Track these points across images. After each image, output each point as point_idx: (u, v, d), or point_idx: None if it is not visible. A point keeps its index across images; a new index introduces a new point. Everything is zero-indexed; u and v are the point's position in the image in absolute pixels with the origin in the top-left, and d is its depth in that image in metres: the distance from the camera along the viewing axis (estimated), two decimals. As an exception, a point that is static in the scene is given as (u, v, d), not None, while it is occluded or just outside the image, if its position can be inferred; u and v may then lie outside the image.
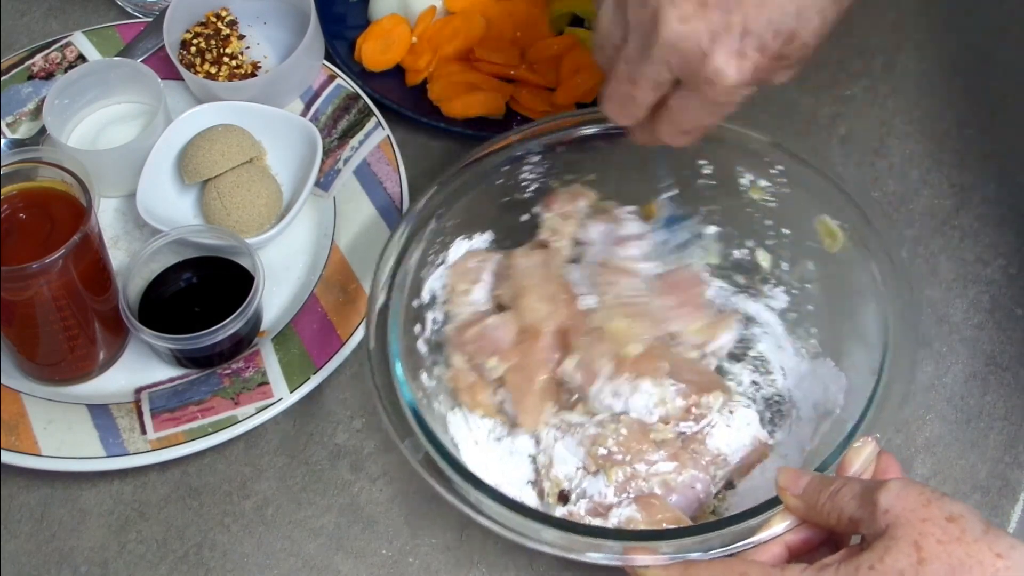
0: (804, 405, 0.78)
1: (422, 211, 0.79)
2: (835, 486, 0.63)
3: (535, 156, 0.82)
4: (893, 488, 0.60)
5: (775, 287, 0.83)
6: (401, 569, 0.79)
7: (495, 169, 0.81)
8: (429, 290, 0.80)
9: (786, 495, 0.65)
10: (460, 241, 0.82)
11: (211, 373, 0.84)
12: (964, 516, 0.58)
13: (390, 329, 0.75)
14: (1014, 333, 0.86)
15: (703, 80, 0.64)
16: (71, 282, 0.78)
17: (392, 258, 0.77)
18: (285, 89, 0.95)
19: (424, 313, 0.79)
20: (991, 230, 0.91)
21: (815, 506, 0.63)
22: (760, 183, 0.81)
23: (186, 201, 0.93)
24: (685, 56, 0.63)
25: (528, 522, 0.67)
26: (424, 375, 0.77)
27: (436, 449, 0.69)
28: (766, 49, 0.63)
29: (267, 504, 0.81)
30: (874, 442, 0.67)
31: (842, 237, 0.77)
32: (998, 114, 0.96)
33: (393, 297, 0.76)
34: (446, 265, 0.81)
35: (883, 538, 0.59)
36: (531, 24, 0.99)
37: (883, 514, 0.59)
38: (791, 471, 0.66)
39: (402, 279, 0.77)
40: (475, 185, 0.80)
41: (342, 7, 1.02)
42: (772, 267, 0.83)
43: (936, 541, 0.57)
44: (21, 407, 0.82)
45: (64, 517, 0.81)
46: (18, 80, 0.97)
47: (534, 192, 0.83)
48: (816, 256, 0.80)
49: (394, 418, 0.71)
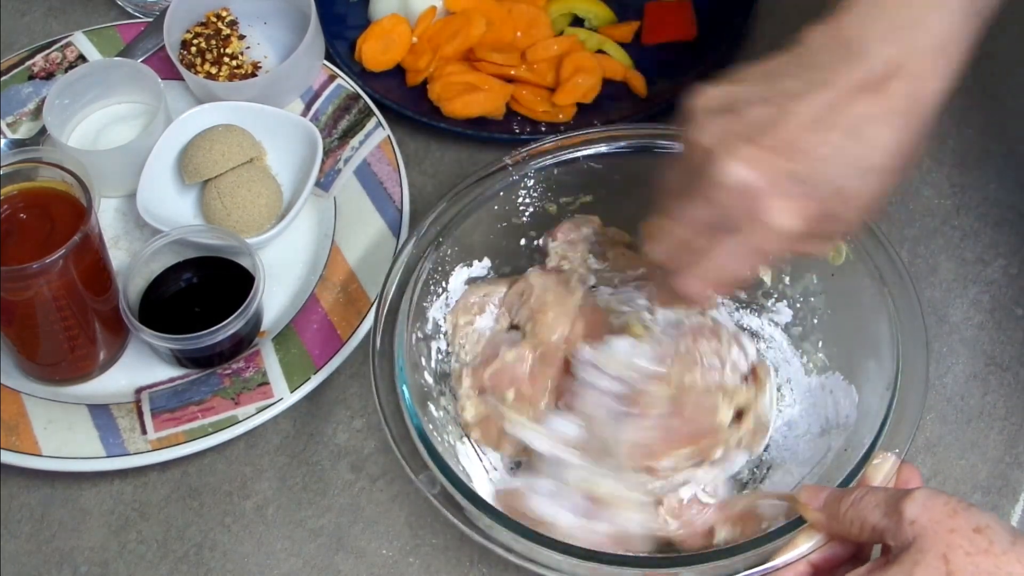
0: (813, 421, 0.78)
1: (419, 241, 0.78)
2: (857, 494, 0.63)
3: (530, 180, 0.81)
4: (919, 498, 0.59)
5: (778, 301, 0.82)
6: (401, 569, 0.79)
7: (493, 195, 0.80)
8: (432, 320, 0.79)
9: (807, 510, 0.65)
10: (460, 269, 0.81)
11: (211, 373, 0.84)
12: (991, 527, 0.58)
13: (396, 360, 0.74)
14: (1014, 333, 0.86)
15: (756, 223, 0.61)
16: (71, 282, 0.78)
17: (394, 288, 0.76)
18: (285, 89, 0.95)
19: (429, 343, 0.79)
20: (991, 230, 0.91)
21: (837, 516, 0.63)
22: None
23: (186, 201, 0.93)
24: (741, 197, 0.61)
25: (549, 552, 0.66)
26: (432, 406, 0.76)
27: (452, 482, 0.69)
28: (824, 202, 0.61)
29: (267, 504, 0.81)
30: (894, 457, 0.67)
31: (845, 250, 0.77)
32: (998, 114, 0.96)
33: (398, 327, 0.75)
34: (448, 294, 0.80)
35: (910, 551, 0.58)
36: (531, 24, 0.99)
37: (909, 525, 0.59)
38: (811, 487, 0.66)
39: (406, 309, 0.76)
40: (472, 211, 0.80)
41: (342, 7, 1.02)
42: (774, 281, 0.82)
43: (964, 553, 0.57)
44: (21, 407, 0.82)
45: (64, 517, 0.81)
46: (18, 80, 0.97)
47: (530, 217, 0.83)
48: (819, 269, 0.79)
49: (405, 451, 0.70)
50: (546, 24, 0.99)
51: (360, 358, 0.85)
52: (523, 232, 0.83)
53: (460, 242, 0.80)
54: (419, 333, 0.77)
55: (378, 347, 0.74)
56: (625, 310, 0.79)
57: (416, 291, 0.77)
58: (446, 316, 0.80)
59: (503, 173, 0.80)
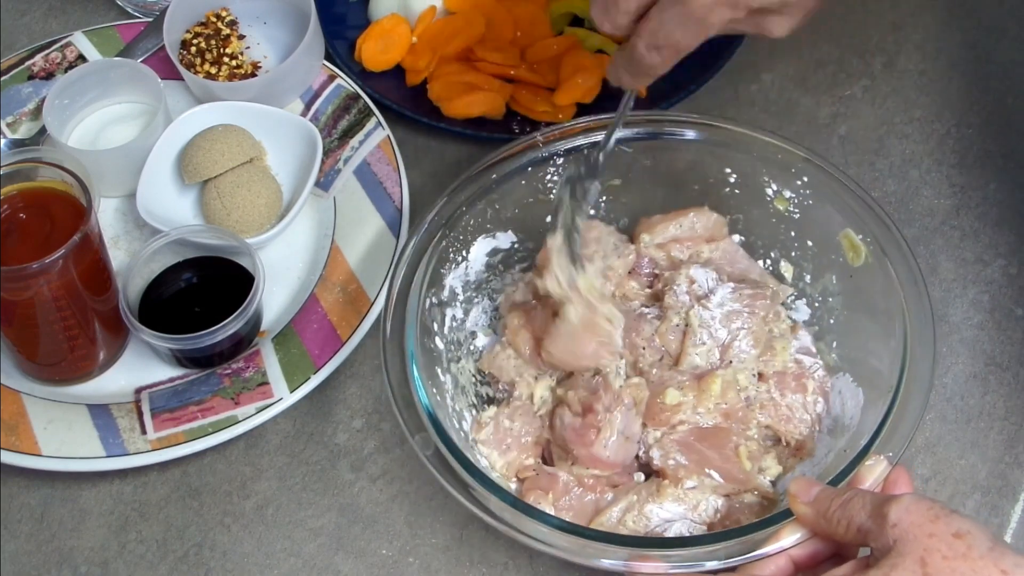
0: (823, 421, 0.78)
1: (442, 210, 0.79)
2: (847, 495, 0.63)
3: (560, 158, 0.81)
4: (904, 502, 0.60)
5: (797, 299, 0.82)
6: (401, 569, 0.79)
7: (520, 169, 0.81)
8: (449, 288, 0.80)
9: (797, 503, 0.65)
10: (482, 239, 0.81)
11: (211, 373, 0.84)
12: (971, 532, 0.58)
13: (407, 321, 0.74)
14: (1014, 333, 0.86)
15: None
16: (71, 282, 0.78)
17: (409, 256, 0.77)
18: (285, 89, 0.95)
19: (444, 310, 0.79)
20: (991, 230, 0.91)
21: (825, 514, 0.63)
22: (785, 194, 0.81)
23: (186, 201, 0.93)
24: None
25: (537, 525, 0.67)
26: (439, 371, 0.77)
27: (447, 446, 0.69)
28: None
29: (267, 504, 0.81)
30: (886, 460, 0.67)
31: (865, 252, 0.77)
32: (998, 114, 0.96)
33: (411, 293, 0.76)
34: (468, 263, 0.81)
35: (890, 555, 0.58)
36: (531, 24, 0.99)
37: (891, 528, 0.59)
38: (804, 480, 0.66)
39: (421, 275, 0.76)
40: (498, 185, 0.80)
41: (342, 7, 1.02)
42: (795, 279, 0.83)
43: (942, 557, 0.57)
44: (21, 407, 0.82)
45: (64, 517, 0.81)
46: (18, 80, 0.97)
47: None
48: (839, 270, 0.80)
49: (406, 413, 0.71)
50: (546, 24, 0.99)
51: (360, 358, 0.85)
52: (549, 210, 0.83)
53: (484, 213, 0.80)
54: (434, 299, 0.78)
55: (392, 309, 0.75)
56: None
57: (435, 257, 0.77)
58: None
59: (533, 150, 0.81)
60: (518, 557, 0.78)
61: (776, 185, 0.81)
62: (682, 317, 0.78)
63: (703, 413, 0.75)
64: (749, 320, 0.77)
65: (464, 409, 0.78)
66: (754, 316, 0.77)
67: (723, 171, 0.82)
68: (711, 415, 0.75)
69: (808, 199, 0.80)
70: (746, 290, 0.78)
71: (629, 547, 0.66)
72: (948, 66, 0.99)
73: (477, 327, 0.83)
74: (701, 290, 0.78)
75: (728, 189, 0.82)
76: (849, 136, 0.96)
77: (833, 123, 0.96)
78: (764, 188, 0.81)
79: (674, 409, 0.75)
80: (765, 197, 0.81)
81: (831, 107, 0.97)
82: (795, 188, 0.80)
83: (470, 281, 0.82)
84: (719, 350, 0.77)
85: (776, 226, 0.82)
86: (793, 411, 0.77)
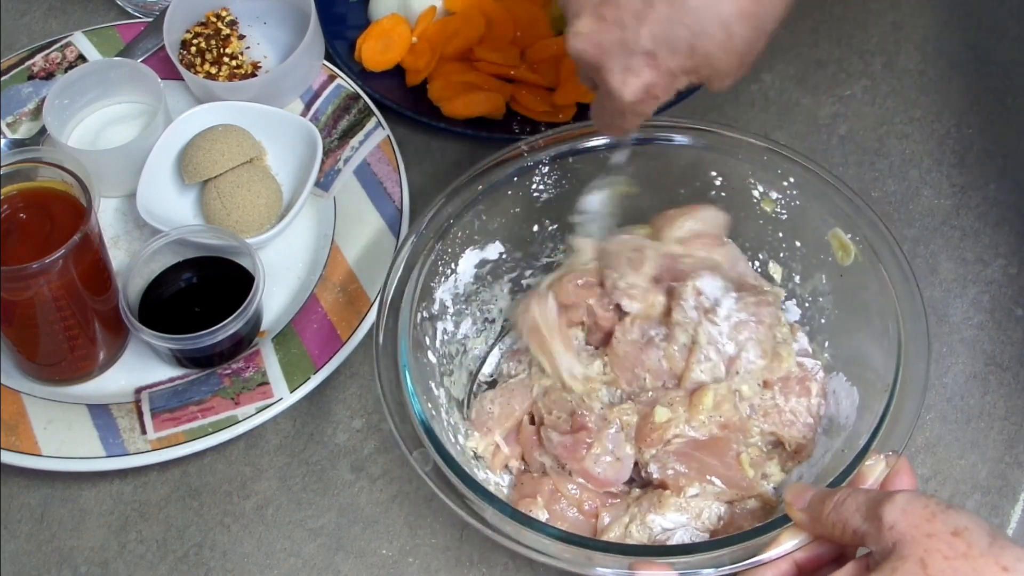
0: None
1: (429, 223, 0.78)
2: (839, 497, 0.62)
3: (545, 167, 0.81)
4: (899, 502, 0.59)
5: (787, 300, 0.82)
6: (401, 569, 0.79)
7: (506, 180, 0.80)
8: (439, 301, 0.79)
9: (792, 509, 0.65)
10: (471, 252, 0.81)
11: (211, 373, 0.84)
12: (969, 529, 0.58)
13: (399, 338, 0.74)
14: (1014, 333, 0.86)
15: (604, 92, 0.67)
16: (71, 282, 0.78)
17: (400, 271, 0.76)
18: (285, 89, 0.95)
19: (435, 323, 0.79)
20: (991, 230, 0.91)
21: (820, 518, 0.63)
22: (772, 195, 0.80)
23: (186, 201, 0.93)
24: (585, 70, 0.68)
25: (537, 536, 0.67)
26: (433, 385, 0.76)
27: (445, 461, 0.69)
28: (660, 66, 0.65)
29: (267, 504, 0.81)
30: (885, 460, 0.67)
31: (854, 250, 0.77)
32: (998, 114, 0.96)
33: (402, 307, 0.75)
34: (457, 276, 0.80)
35: (890, 558, 0.58)
36: (531, 24, 0.99)
37: (888, 530, 0.59)
38: (798, 486, 0.66)
39: (411, 290, 0.76)
40: (484, 196, 0.80)
41: (342, 7, 1.02)
42: (784, 280, 0.82)
43: (943, 557, 0.57)
44: (21, 407, 0.82)
45: (64, 517, 0.81)
46: (18, 80, 0.97)
47: (544, 204, 0.82)
48: (828, 269, 0.79)
49: (402, 429, 0.71)
50: (546, 24, 0.99)
51: (360, 358, 0.85)
52: (537, 219, 0.83)
53: (471, 225, 0.80)
54: (424, 313, 0.78)
55: (383, 325, 0.74)
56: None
57: (424, 271, 0.77)
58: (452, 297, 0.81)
59: (518, 159, 0.81)
60: (518, 557, 0.78)
61: (762, 187, 0.80)
62: (689, 335, 0.77)
63: (696, 427, 0.74)
64: (756, 330, 0.76)
65: (459, 422, 0.78)
66: (761, 324, 0.76)
67: (709, 174, 0.81)
68: (706, 428, 0.74)
69: (795, 200, 0.80)
70: (750, 298, 0.77)
71: (631, 556, 0.66)
72: (948, 66, 0.99)
73: (467, 339, 0.82)
74: (708, 302, 0.77)
75: (714, 192, 0.82)
76: (849, 136, 0.96)
77: (833, 123, 0.96)
78: (751, 190, 0.81)
79: (664, 427, 0.74)
80: (752, 199, 0.81)
81: (831, 107, 0.97)
82: (782, 189, 0.80)
83: (459, 294, 0.81)
84: (725, 364, 0.76)
85: (763, 228, 0.82)
86: (797, 415, 0.76)
